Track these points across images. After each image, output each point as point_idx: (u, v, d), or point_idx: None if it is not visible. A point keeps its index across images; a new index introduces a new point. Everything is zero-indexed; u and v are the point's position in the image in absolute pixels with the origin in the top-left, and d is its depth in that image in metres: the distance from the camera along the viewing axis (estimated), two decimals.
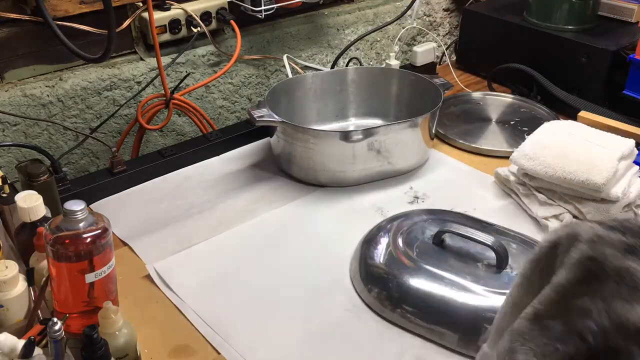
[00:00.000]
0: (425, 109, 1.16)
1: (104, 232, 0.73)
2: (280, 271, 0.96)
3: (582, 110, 1.31)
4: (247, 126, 1.30)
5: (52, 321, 0.61)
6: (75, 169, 1.32)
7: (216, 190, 1.15)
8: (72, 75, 1.25)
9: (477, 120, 1.39)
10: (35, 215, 0.81)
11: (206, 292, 0.91)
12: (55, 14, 1.14)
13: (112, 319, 0.71)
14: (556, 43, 1.42)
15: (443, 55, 1.70)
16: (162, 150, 1.22)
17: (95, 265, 0.73)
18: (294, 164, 1.16)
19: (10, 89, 1.18)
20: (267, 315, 0.88)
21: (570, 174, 1.00)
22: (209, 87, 1.44)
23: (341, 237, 1.03)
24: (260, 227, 1.05)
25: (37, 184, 0.91)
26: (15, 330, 0.70)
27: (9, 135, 1.20)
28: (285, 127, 1.12)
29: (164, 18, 1.29)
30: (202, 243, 1.01)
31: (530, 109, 1.42)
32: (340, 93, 1.33)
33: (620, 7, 1.48)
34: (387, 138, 1.11)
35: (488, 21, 1.56)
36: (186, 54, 1.37)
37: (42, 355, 0.62)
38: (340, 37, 1.63)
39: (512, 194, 1.12)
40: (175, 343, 0.83)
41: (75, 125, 1.28)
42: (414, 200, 1.12)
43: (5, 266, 0.71)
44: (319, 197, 1.13)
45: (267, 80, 1.54)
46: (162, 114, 1.36)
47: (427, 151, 1.22)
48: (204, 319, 0.87)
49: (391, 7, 1.71)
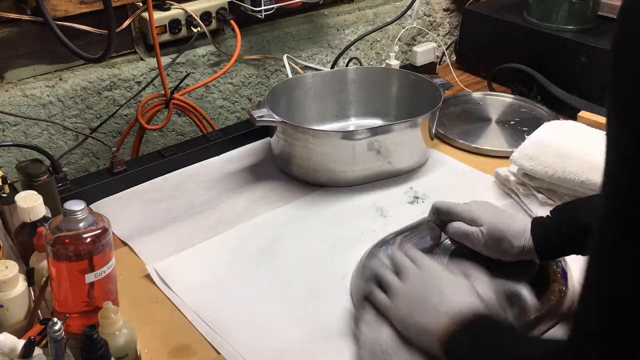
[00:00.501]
0: (425, 109, 1.16)
1: (104, 232, 0.73)
2: (280, 271, 0.96)
3: (582, 110, 1.30)
4: (247, 126, 1.30)
5: (52, 321, 0.61)
6: (75, 169, 1.32)
7: (216, 190, 1.15)
8: (72, 75, 1.25)
9: (477, 120, 1.39)
10: (35, 215, 0.81)
11: (206, 292, 0.91)
12: (55, 14, 1.14)
13: (112, 319, 0.71)
14: (556, 43, 1.42)
15: (443, 55, 1.70)
16: (162, 150, 1.22)
17: (95, 265, 0.73)
18: (294, 164, 1.16)
19: (10, 89, 1.18)
20: (267, 315, 0.88)
21: (570, 174, 1.00)
22: (209, 87, 1.44)
23: (341, 237, 1.03)
24: (260, 227, 1.05)
25: (37, 184, 0.91)
26: (15, 330, 0.70)
27: (9, 135, 1.20)
28: (285, 127, 1.12)
29: (164, 18, 1.29)
30: (202, 243, 1.01)
31: (530, 109, 1.42)
32: (340, 93, 1.33)
33: None
34: (387, 138, 1.11)
35: (488, 21, 1.56)
36: (186, 54, 1.37)
37: (42, 355, 0.62)
38: (340, 37, 1.63)
39: (512, 194, 1.12)
40: (175, 343, 0.83)
41: (75, 125, 1.28)
42: (414, 201, 1.12)
43: (5, 266, 0.71)
44: (319, 197, 1.13)
45: (267, 80, 1.54)
46: (162, 114, 1.36)
47: (427, 151, 1.22)
48: (204, 319, 0.87)
49: (391, 7, 1.71)
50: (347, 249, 0.99)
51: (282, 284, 0.93)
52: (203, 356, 0.82)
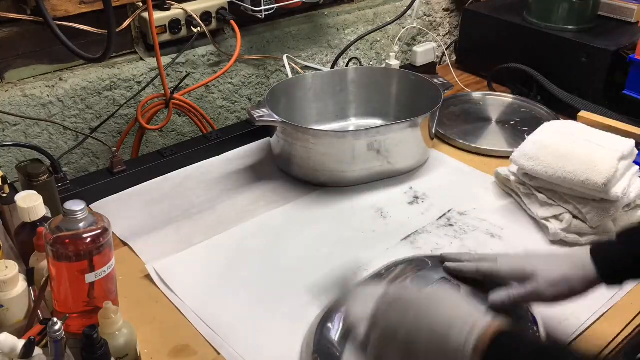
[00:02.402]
0: (425, 109, 1.16)
1: (104, 232, 0.73)
2: (280, 271, 0.96)
3: (582, 110, 1.31)
4: (247, 126, 1.30)
5: (52, 321, 0.61)
6: (75, 169, 1.32)
7: (216, 190, 1.15)
8: (72, 75, 1.25)
9: (477, 120, 1.39)
10: (35, 215, 0.81)
11: (206, 292, 0.91)
12: (55, 14, 1.14)
13: (112, 319, 0.71)
14: (556, 43, 1.42)
15: (443, 55, 1.70)
16: (162, 150, 1.22)
17: (95, 265, 0.73)
18: (294, 163, 1.16)
19: (10, 89, 1.18)
20: (267, 315, 0.88)
21: (570, 174, 1.00)
22: (209, 87, 1.44)
23: (341, 237, 1.03)
24: (260, 227, 1.05)
25: (37, 184, 0.91)
26: (15, 330, 0.70)
27: (9, 135, 1.20)
28: (285, 127, 1.12)
29: (164, 18, 1.28)
30: (202, 243, 1.01)
31: (530, 109, 1.42)
32: (340, 93, 1.33)
33: (620, 7, 1.48)
34: (387, 138, 1.11)
35: (488, 21, 1.56)
36: (186, 54, 1.37)
37: (42, 355, 0.62)
38: (340, 37, 1.63)
39: (513, 193, 1.12)
40: (175, 343, 0.83)
41: (75, 125, 1.28)
42: (413, 201, 1.12)
43: (5, 266, 0.71)
44: (319, 197, 1.13)
45: (267, 80, 1.54)
46: (162, 114, 1.36)
47: (427, 151, 1.22)
48: (203, 319, 0.87)
49: (391, 7, 1.71)
50: (347, 249, 0.99)
51: (282, 284, 0.93)
52: (203, 356, 0.82)
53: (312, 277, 0.94)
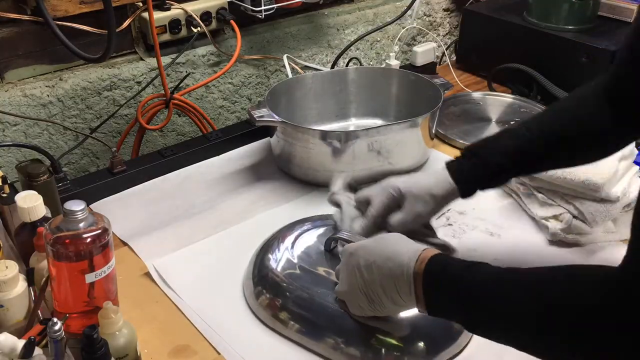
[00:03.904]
0: (425, 109, 1.16)
1: (104, 232, 0.73)
2: None
3: None
4: (247, 126, 1.30)
5: (52, 321, 0.61)
6: (75, 169, 1.32)
7: (216, 190, 1.15)
8: (72, 75, 1.25)
9: (477, 120, 1.39)
10: (35, 215, 0.81)
11: (206, 291, 0.91)
12: (55, 14, 1.14)
13: (112, 319, 0.71)
14: (556, 43, 1.42)
15: (443, 55, 1.70)
16: (162, 150, 1.22)
17: (95, 265, 0.73)
18: (294, 164, 1.16)
19: (10, 89, 1.18)
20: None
21: (570, 174, 1.00)
22: (209, 87, 1.44)
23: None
24: (260, 226, 1.05)
25: (37, 184, 0.91)
26: (15, 330, 0.70)
27: (9, 135, 1.20)
28: (285, 127, 1.12)
29: (164, 18, 1.29)
30: (202, 241, 1.01)
31: (530, 109, 1.42)
32: (340, 93, 1.33)
33: (620, 7, 1.48)
34: (387, 138, 1.11)
35: (488, 21, 1.56)
36: (186, 54, 1.37)
37: (42, 355, 0.62)
38: (340, 37, 1.63)
39: (512, 194, 1.12)
40: (175, 343, 0.83)
41: (75, 125, 1.28)
42: None
43: (5, 266, 0.71)
44: (319, 197, 1.13)
45: (267, 80, 1.54)
46: (162, 114, 1.36)
47: (427, 151, 1.22)
48: (204, 319, 0.87)
49: (391, 7, 1.71)
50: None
51: None
52: (203, 356, 0.82)
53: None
